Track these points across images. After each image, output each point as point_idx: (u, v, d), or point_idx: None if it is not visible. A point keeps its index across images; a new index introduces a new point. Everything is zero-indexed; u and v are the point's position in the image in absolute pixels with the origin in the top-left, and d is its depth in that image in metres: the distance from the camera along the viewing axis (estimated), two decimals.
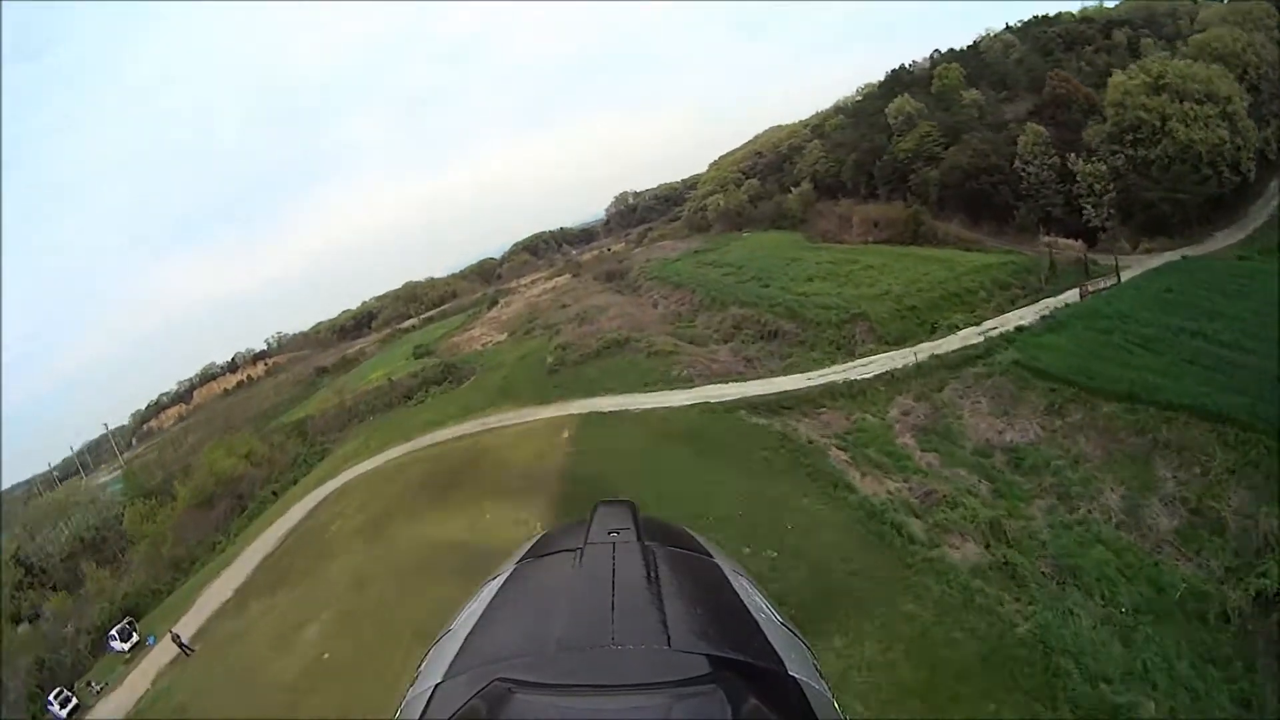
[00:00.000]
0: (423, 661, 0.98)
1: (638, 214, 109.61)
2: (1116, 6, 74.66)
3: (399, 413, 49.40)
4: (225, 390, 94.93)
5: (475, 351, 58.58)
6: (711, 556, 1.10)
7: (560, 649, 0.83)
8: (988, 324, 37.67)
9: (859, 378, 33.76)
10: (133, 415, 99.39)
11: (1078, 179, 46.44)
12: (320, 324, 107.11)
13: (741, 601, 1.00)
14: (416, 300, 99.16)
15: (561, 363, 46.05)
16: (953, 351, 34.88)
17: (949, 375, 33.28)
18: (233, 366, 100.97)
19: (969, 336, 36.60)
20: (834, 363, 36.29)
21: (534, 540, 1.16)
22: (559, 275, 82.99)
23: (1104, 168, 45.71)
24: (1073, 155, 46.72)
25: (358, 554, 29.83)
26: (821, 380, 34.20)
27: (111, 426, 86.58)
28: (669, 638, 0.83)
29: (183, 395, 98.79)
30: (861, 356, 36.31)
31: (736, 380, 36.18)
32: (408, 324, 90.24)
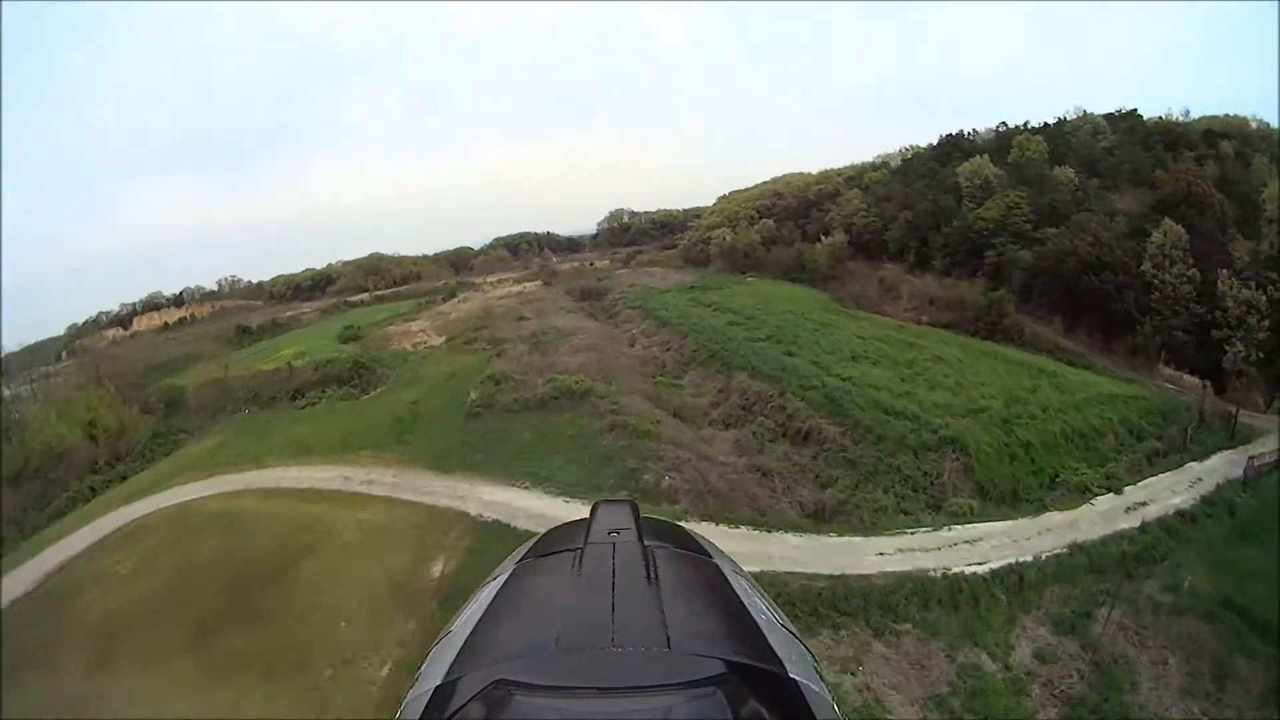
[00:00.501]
0: (423, 663, 0.97)
1: (630, 234, 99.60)
2: (1202, 119, 66.10)
3: (278, 414, 38.65)
4: (156, 327, 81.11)
5: (402, 351, 46.77)
6: (712, 557, 1.09)
7: (560, 650, 0.84)
8: (1130, 492, 24.66)
9: (968, 568, 19.74)
10: (68, 328, 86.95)
11: (1225, 303, 34.83)
12: (279, 276, 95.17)
13: (742, 603, 0.99)
14: (378, 274, 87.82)
15: (488, 404, 31.75)
16: (1100, 539, 21.50)
17: (1099, 586, 19.79)
18: (178, 301, 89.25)
19: (1112, 511, 23.42)
20: (914, 519, 22.35)
21: (534, 540, 1.14)
22: (530, 280, 72.74)
23: (1263, 297, 34.22)
24: (1224, 273, 35.22)
25: None
26: (899, 554, 20.20)
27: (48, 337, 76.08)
28: (669, 639, 0.84)
29: (123, 319, 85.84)
30: (958, 517, 22.46)
31: (750, 521, 21.78)
32: (359, 297, 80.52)
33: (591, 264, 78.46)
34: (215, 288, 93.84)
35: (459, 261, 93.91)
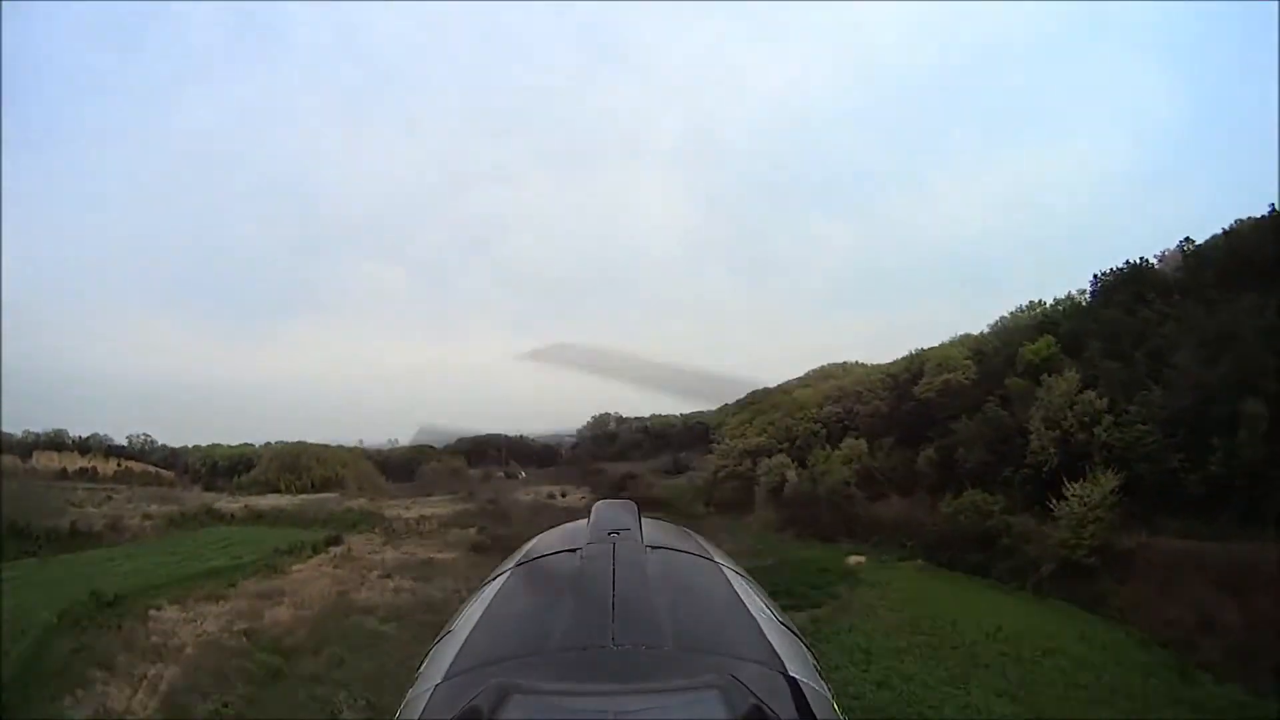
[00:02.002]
0: (423, 662, 0.98)
1: (617, 444, 78.43)
2: None
3: None
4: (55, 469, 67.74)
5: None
6: (712, 558, 1.09)
7: (560, 650, 0.84)
8: None
9: None
10: None
11: None
12: (197, 447, 78.12)
13: (742, 602, 0.99)
14: (295, 471, 67.12)
15: None
16: None
17: None
18: (83, 447, 76.91)
19: None
20: None
21: (535, 540, 1.14)
22: (464, 520, 47.16)
23: None
24: None
25: None
26: None
27: None
28: (669, 639, 0.84)
29: (25, 447, 72.47)
30: None
31: None
32: (238, 504, 57.51)
33: (561, 495, 48.56)
34: (125, 442, 79.69)
35: (402, 461, 74.31)
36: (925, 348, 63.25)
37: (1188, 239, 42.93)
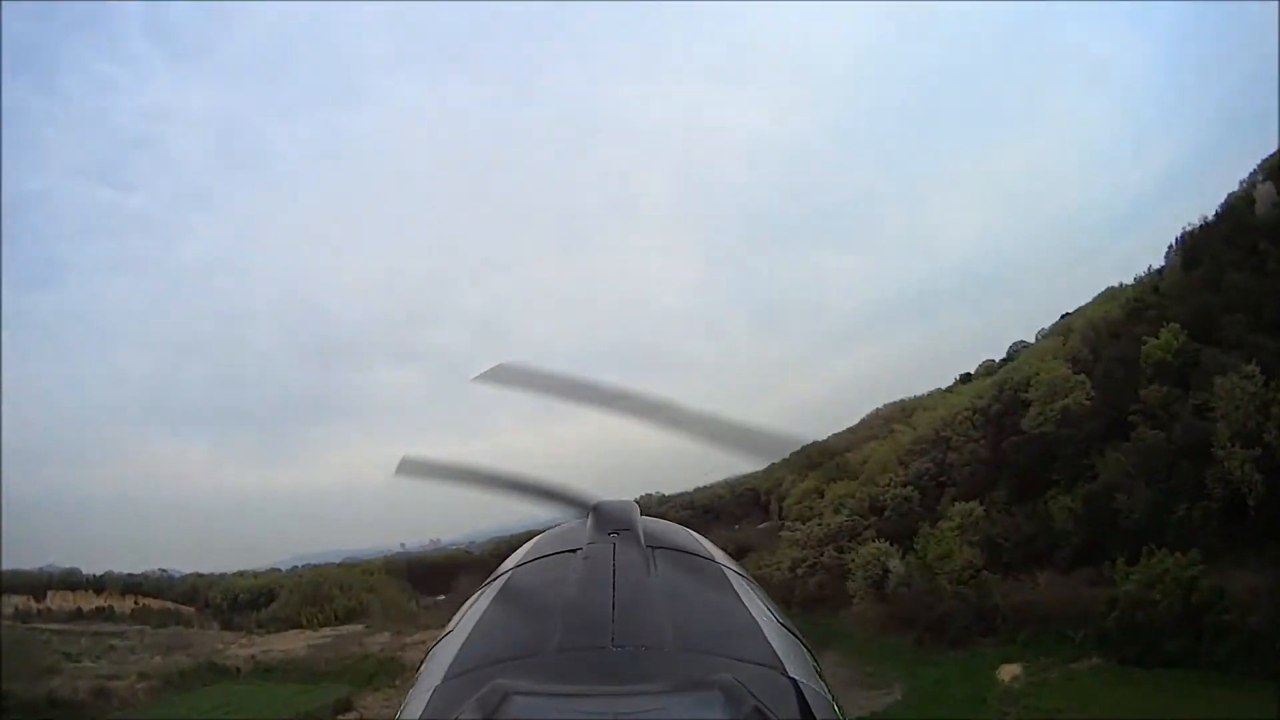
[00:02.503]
0: (423, 663, 0.99)
1: None
2: None
3: None
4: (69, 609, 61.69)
5: None
6: (712, 558, 1.09)
7: (560, 650, 0.85)
8: None
9: None
10: None
11: None
12: (222, 576, 69.00)
13: (742, 603, 0.99)
14: (315, 603, 58.02)
15: None
16: None
17: None
18: (98, 585, 70.72)
19: None
20: None
21: (536, 541, 1.15)
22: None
23: None
24: None
25: None
26: None
27: None
28: (669, 639, 0.86)
29: (38, 586, 65.46)
30: None
31: None
32: (246, 654, 50.63)
33: None
34: (142, 577, 73.10)
35: (450, 564, 64.15)
36: (1000, 362, 54.18)
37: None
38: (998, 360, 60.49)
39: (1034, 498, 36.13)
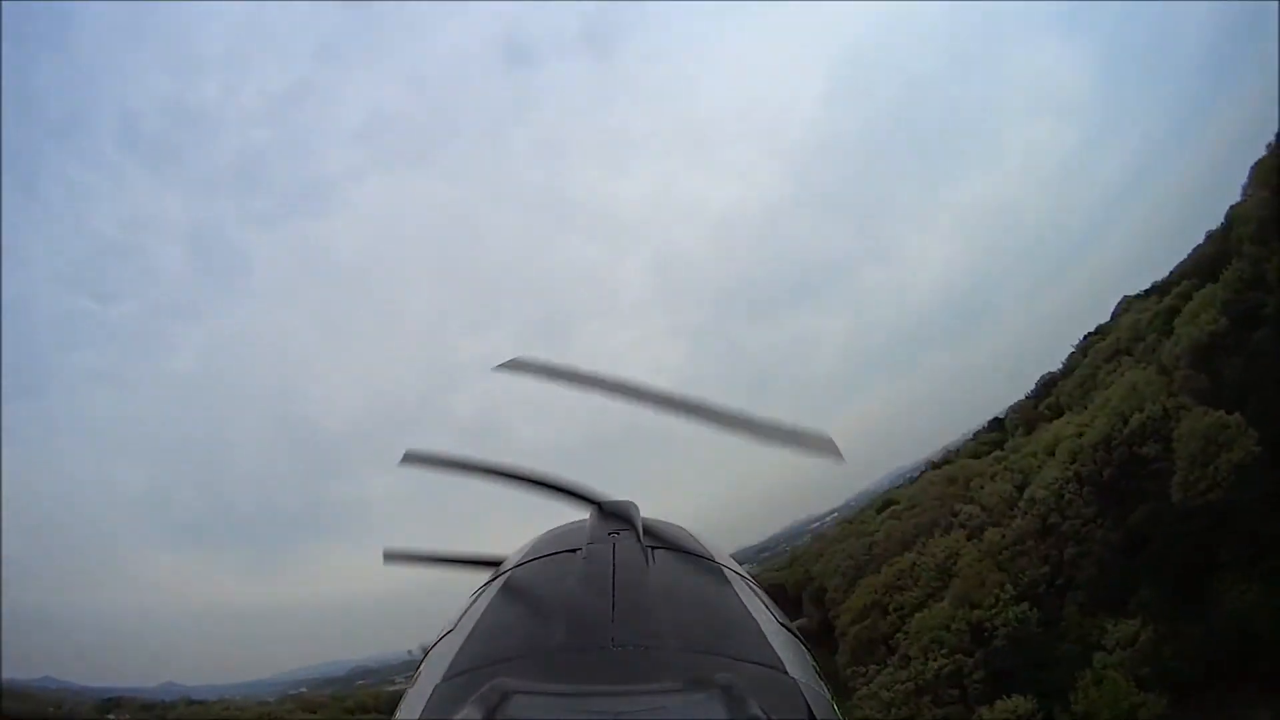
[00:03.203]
0: (423, 662, 0.99)
1: None
2: None
3: None
4: None
5: None
6: (712, 558, 1.08)
7: (560, 650, 0.85)
8: None
9: None
10: None
11: None
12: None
13: (742, 603, 0.99)
14: None
15: None
16: None
17: None
18: (113, 703, 57.33)
19: None
20: None
21: (535, 540, 1.14)
22: None
23: None
24: None
25: None
26: None
27: None
28: (670, 639, 0.86)
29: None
30: None
31: None
32: None
33: None
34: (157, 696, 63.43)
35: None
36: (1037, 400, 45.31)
37: None
38: (1032, 398, 51.35)
39: (1201, 593, 25.63)
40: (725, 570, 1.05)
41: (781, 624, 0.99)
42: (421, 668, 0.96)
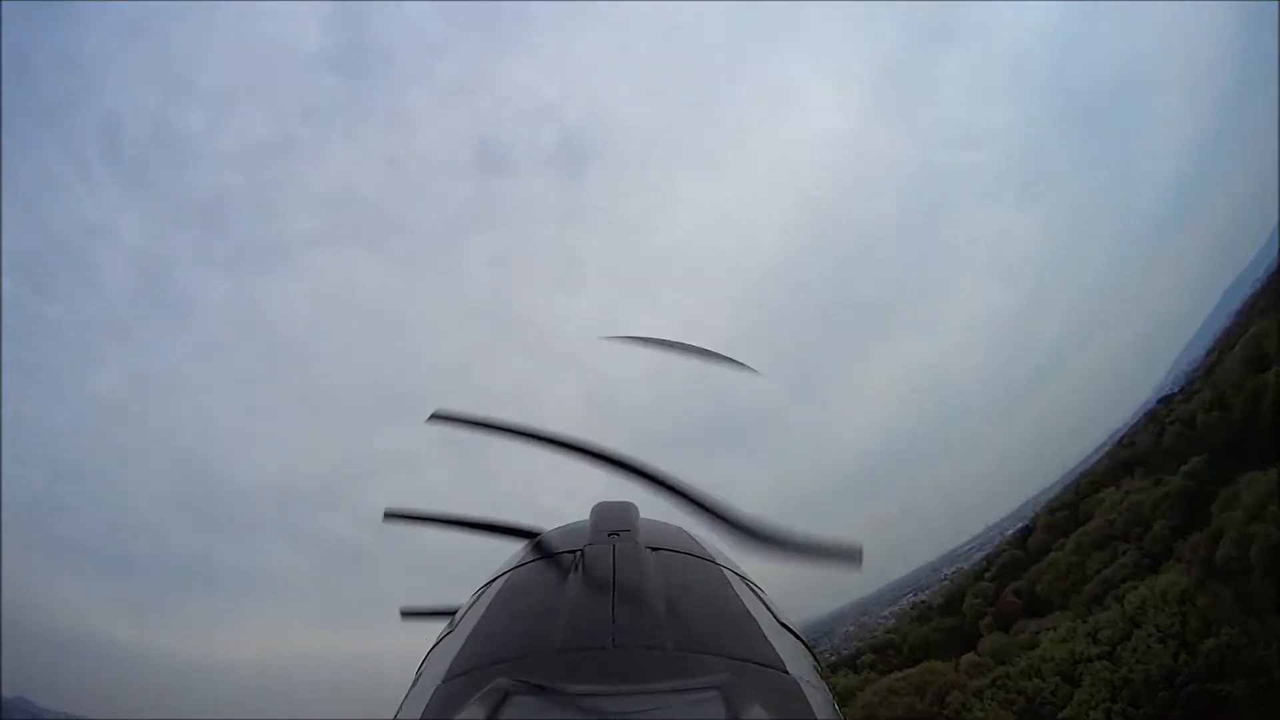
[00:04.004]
0: (423, 662, 0.98)
1: None
2: None
3: None
4: None
5: None
6: (712, 559, 1.08)
7: (561, 651, 0.84)
8: None
9: None
10: None
11: None
12: None
13: (743, 603, 0.98)
14: None
15: None
16: None
17: None
18: None
19: None
20: None
21: (535, 541, 1.13)
22: None
23: None
24: None
25: None
26: None
27: None
28: (670, 639, 0.85)
29: None
30: None
31: None
32: None
33: None
34: None
35: None
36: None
37: None
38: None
39: None
40: (725, 570, 1.05)
41: (782, 624, 0.99)
42: (422, 668, 0.96)
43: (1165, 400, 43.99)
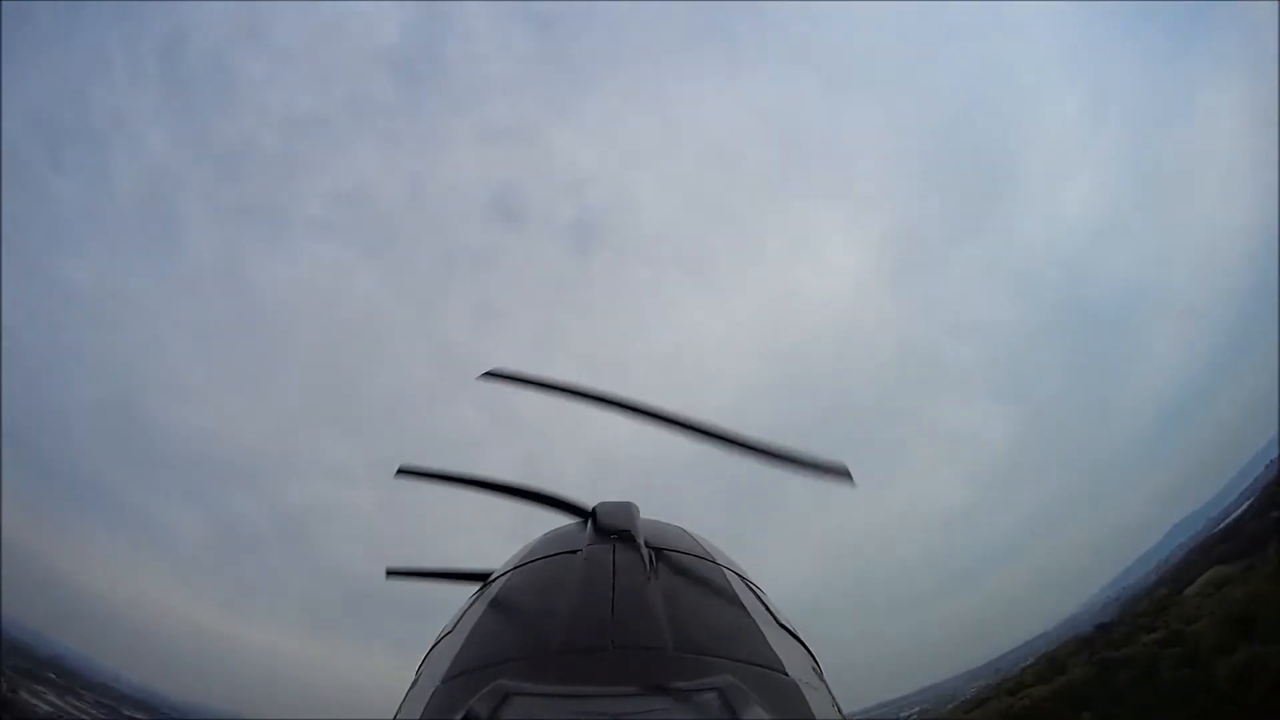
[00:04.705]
0: (423, 663, 0.98)
1: None
2: None
3: None
4: None
5: None
6: (712, 559, 1.09)
7: (560, 652, 0.84)
8: None
9: None
10: None
11: None
12: None
13: (743, 604, 0.99)
14: None
15: None
16: None
17: None
18: None
19: None
20: None
21: (535, 542, 1.13)
22: None
23: None
24: None
25: None
26: None
27: None
28: (669, 641, 0.85)
29: None
30: None
31: None
32: None
33: None
34: None
35: None
36: None
37: None
38: None
39: None
40: (725, 571, 1.07)
41: (782, 625, 1.00)
42: (421, 669, 0.96)
43: (1102, 628, 42.51)
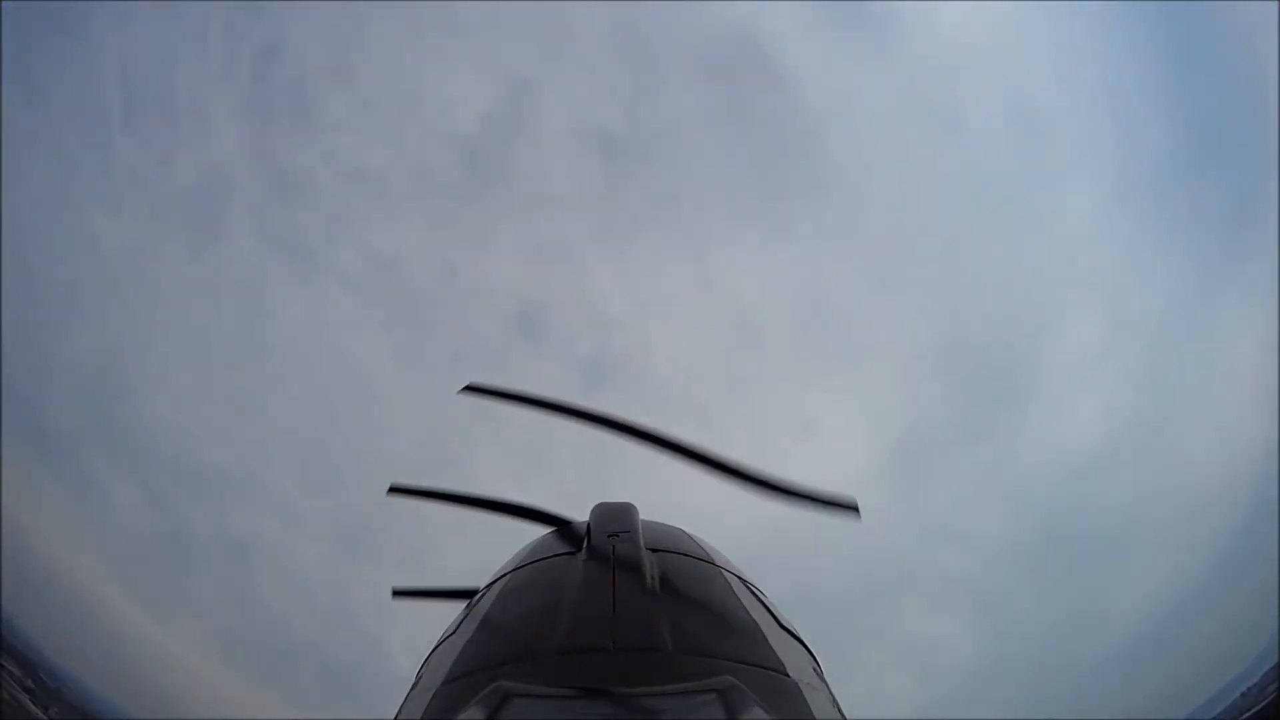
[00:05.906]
0: (423, 665, 0.98)
1: None
2: None
3: None
4: None
5: None
6: (712, 560, 1.08)
7: (560, 653, 0.84)
8: None
9: None
10: None
11: None
12: None
13: (743, 605, 0.98)
14: None
15: None
16: None
17: None
18: None
19: None
20: None
21: (536, 543, 1.12)
22: None
23: None
24: None
25: None
26: None
27: None
28: (669, 642, 0.85)
29: None
30: None
31: None
32: None
33: None
34: None
35: None
36: None
37: None
38: None
39: None
40: (725, 572, 1.07)
41: (782, 626, 1.01)
42: (422, 670, 0.97)
43: None
